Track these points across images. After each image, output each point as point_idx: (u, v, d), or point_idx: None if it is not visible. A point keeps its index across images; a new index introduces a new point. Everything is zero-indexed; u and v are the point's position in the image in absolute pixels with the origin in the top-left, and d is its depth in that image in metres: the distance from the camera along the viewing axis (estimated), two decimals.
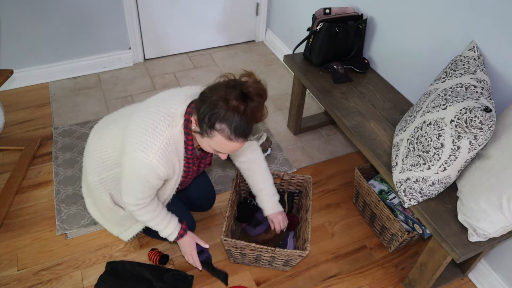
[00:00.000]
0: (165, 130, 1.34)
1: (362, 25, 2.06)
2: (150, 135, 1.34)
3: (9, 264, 1.72)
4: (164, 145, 1.34)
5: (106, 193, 1.61)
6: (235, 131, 1.23)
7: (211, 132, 1.25)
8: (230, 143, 1.26)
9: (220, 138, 1.25)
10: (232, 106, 1.19)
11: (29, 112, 2.48)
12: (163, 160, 1.35)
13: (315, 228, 1.98)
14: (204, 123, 1.25)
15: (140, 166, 1.35)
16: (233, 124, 1.21)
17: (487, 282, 1.76)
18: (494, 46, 1.52)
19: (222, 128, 1.22)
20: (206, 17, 2.97)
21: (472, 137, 1.31)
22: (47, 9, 2.43)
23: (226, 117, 1.21)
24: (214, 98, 1.21)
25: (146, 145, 1.33)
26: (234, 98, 1.19)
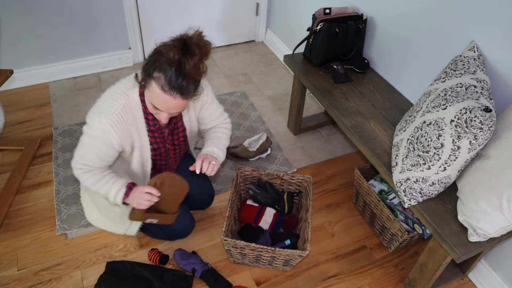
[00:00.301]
0: (121, 97, 1.39)
1: (362, 25, 2.06)
2: (107, 100, 1.40)
3: (9, 264, 1.72)
4: (120, 112, 1.38)
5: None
6: (169, 82, 1.24)
7: (149, 81, 1.27)
8: (165, 95, 1.26)
9: (155, 88, 1.26)
10: (170, 56, 1.21)
11: (29, 112, 2.48)
12: (117, 126, 1.38)
13: (315, 228, 1.98)
14: (145, 72, 1.29)
15: (93, 129, 1.39)
16: (167, 74, 1.23)
17: (487, 282, 1.76)
18: (494, 46, 1.52)
19: (158, 76, 1.25)
20: (206, 17, 2.97)
21: (472, 137, 1.31)
22: (47, 9, 2.43)
23: (163, 66, 1.23)
24: (158, 49, 1.25)
25: (102, 109, 1.38)
26: (173, 48, 1.21)
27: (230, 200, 1.73)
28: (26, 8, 2.38)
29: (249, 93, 2.77)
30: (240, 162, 2.26)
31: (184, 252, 1.75)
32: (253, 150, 2.22)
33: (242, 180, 1.94)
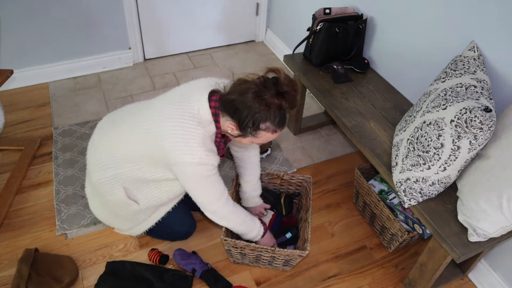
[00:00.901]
0: (198, 129, 1.37)
1: (362, 25, 2.06)
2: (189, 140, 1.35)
3: (9, 264, 1.72)
4: (203, 141, 1.38)
5: (119, 187, 1.56)
6: (279, 125, 1.34)
7: (256, 132, 1.34)
8: (275, 134, 1.37)
9: (265, 134, 1.35)
10: (272, 106, 1.28)
11: (29, 112, 2.48)
12: (209, 152, 1.39)
13: (315, 228, 1.98)
14: (248, 128, 1.33)
15: (193, 168, 1.38)
16: (276, 120, 1.32)
17: (487, 282, 1.76)
18: (494, 46, 1.52)
19: (267, 126, 1.32)
20: (206, 17, 2.97)
21: (472, 137, 1.31)
22: (47, 9, 2.43)
23: (269, 116, 1.30)
24: (252, 103, 1.28)
25: (189, 149, 1.35)
26: (271, 97, 1.27)
27: None
28: (26, 8, 2.38)
29: None
30: None
31: (184, 252, 1.75)
32: None
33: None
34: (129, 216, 1.66)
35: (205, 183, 1.44)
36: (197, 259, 1.73)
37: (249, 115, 1.30)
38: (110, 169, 1.55)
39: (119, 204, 1.60)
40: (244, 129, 1.34)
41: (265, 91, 1.28)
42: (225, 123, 1.40)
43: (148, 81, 2.79)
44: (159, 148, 1.39)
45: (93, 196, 1.72)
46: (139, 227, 1.73)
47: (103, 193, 1.60)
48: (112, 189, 1.57)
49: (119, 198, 1.58)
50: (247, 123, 1.32)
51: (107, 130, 1.57)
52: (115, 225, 1.77)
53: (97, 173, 1.58)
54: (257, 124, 1.32)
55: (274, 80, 1.31)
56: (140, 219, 1.69)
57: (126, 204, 1.60)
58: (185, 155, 1.36)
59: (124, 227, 1.74)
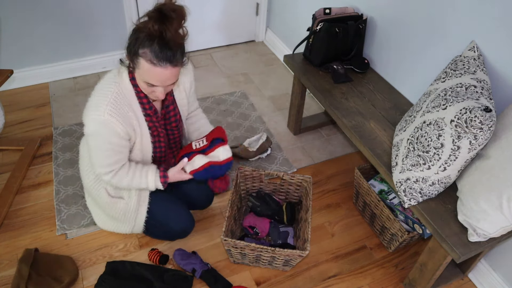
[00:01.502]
0: (111, 86, 1.39)
1: (362, 25, 2.06)
2: (99, 95, 1.38)
3: (9, 264, 1.72)
4: (114, 99, 1.37)
5: (102, 189, 1.65)
6: (156, 54, 1.25)
7: (137, 60, 1.28)
8: (156, 68, 1.27)
9: (145, 64, 1.27)
10: (149, 29, 1.22)
11: (29, 112, 2.48)
12: (115, 113, 1.37)
13: (315, 228, 1.98)
14: (130, 53, 1.29)
15: (95, 126, 1.38)
16: (153, 47, 1.24)
17: (487, 282, 1.76)
18: (494, 46, 1.52)
19: (144, 52, 1.26)
20: (206, 17, 2.97)
21: (472, 137, 1.31)
22: (47, 9, 2.43)
23: (146, 41, 1.24)
24: (136, 26, 1.26)
25: (96, 104, 1.37)
26: (150, 20, 1.22)
27: (230, 200, 1.73)
28: (26, 8, 2.38)
29: (249, 93, 2.77)
30: (240, 162, 2.26)
31: (184, 252, 1.75)
32: (253, 150, 2.22)
33: (242, 180, 1.94)
34: (122, 216, 1.71)
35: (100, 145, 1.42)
36: (197, 259, 1.73)
37: (130, 39, 1.28)
38: (91, 173, 1.65)
39: (108, 205, 1.68)
40: (129, 57, 1.31)
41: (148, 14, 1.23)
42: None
43: None
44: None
45: (93, 205, 1.79)
46: (137, 223, 1.74)
47: (95, 197, 1.69)
48: (99, 191, 1.66)
49: (105, 198, 1.66)
50: (128, 47, 1.29)
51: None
52: (118, 230, 1.79)
53: (84, 180, 1.70)
54: (136, 48, 1.26)
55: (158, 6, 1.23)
56: (132, 217, 1.72)
57: (112, 203, 1.67)
58: (91, 111, 1.36)
59: (126, 228, 1.77)
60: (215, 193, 1.92)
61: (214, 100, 2.68)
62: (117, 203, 1.67)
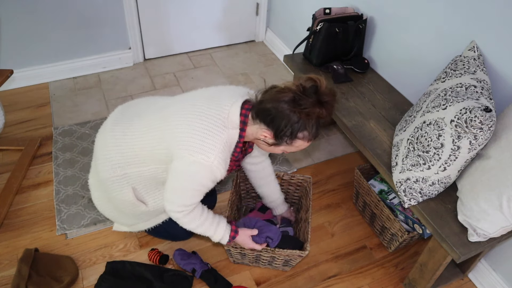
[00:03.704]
0: (222, 132, 1.31)
1: (362, 25, 2.06)
2: (208, 138, 1.29)
3: (9, 264, 1.72)
4: (223, 147, 1.31)
5: (128, 187, 1.51)
6: (315, 134, 1.31)
7: (292, 141, 1.31)
8: (309, 143, 1.35)
9: (301, 143, 1.33)
10: (312, 115, 1.25)
11: (29, 112, 2.48)
12: (222, 161, 1.32)
13: (315, 228, 1.98)
14: (285, 137, 1.30)
15: (197, 169, 1.30)
16: (313, 129, 1.29)
17: (487, 282, 1.76)
18: (494, 46, 1.52)
19: (304, 135, 1.30)
20: (206, 17, 2.97)
21: (472, 137, 1.31)
22: (47, 9, 2.43)
23: (308, 125, 1.27)
24: (290, 112, 1.25)
25: (205, 147, 1.28)
26: (311, 106, 1.24)
27: (230, 200, 1.73)
28: (26, 8, 2.38)
29: None
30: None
31: (184, 252, 1.75)
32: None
33: (242, 180, 1.94)
34: (134, 214, 1.63)
35: (189, 187, 1.35)
36: (197, 259, 1.73)
37: (288, 124, 1.26)
38: (120, 168, 1.48)
39: (126, 203, 1.56)
40: (280, 138, 1.30)
41: (305, 99, 1.23)
42: (258, 131, 1.34)
43: (148, 81, 2.79)
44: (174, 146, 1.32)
45: (97, 189, 1.65)
46: (143, 224, 1.71)
47: (111, 190, 1.54)
48: (122, 188, 1.52)
49: (128, 198, 1.53)
50: (285, 132, 1.27)
51: (121, 126, 1.48)
52: (117, 220, 1.71)
53: (107, 171, 1.50)
54: (295, 134, 1.28)
55: (314, 88, 1.26)
56: (145, 218, 1.67)
57: (133, 204, 1.56)
58: (199, 154, 1.27)
59: (127, 222, 1.70)
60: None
61: None
62: (139, 207, 1.58)
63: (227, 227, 1.52)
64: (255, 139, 1.39)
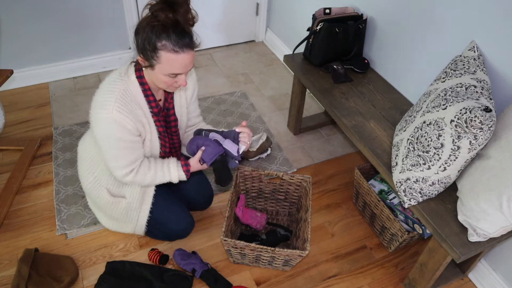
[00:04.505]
0: (117, 83, 1.37)
1: (362, 25, 2.06)
2: (104, 92, 1.37)
3: (9, 264, 1.72)
4: (121, 96, 1.36)
5: (103, 189, 1.64)
6: (177, 42, 1.25)
7: (157, 55, 1.27)
8: (178, 56, 1.27)
9: (166, 55, 1.26)
10: (162, 19, 1.21)
11: (29, 112, 2.48)
12: (124, 110, 1.36)
13: (315, 228, 1.98)
14: (147, 51, 1.27)
15: (104, 124, 1.37)
16: (171, 36, 1.24)
17: (487, 282, 1.76)
18: (494, 46, 1.52)
19: (163, 44, 1.25)
20: (206, 17, 2.97)
21: (472, 137, 1.31)
22: (47, 9, 2.43)
23: (161, 32, 1.23)
24: (144, 23, 1.24)
25: (102, 102, 1.36)
26: (160, 11, 1.21)
27: (230, 200, 1.73)
28: (26, 8, 2.38)
29: (249, 93, 2.77)
30: (240, 162, 2.26)
31: (184, 252, 1.75)
32: (253, 150, 2.22)
33: (242, 180, 1.94)
34: (122, 216, 1.70)
35: (113, 145, 1.41)
36: (197, 259, 1.73)
37: (143, 36, 1.25)
38: (90, 173, 1.65)
39: (109, 205, 1.67)
40: (146, 55, 1.28)
41: (154, 6, 1.22)
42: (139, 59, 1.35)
43: None
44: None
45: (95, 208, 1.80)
46: (139, 222, 1.73)
47: (94, 198, 1.69)
48: (99, 192, 1.66)
49: (106, 199, 1.65)
50: (144, 46, 1.26)
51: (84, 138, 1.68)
52: (121, 230, 1.79)
53: (83, 181, 1.69)
54: (153, 44, 1.24)
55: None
56: (134, 217, 1.71)
57: (114, 203, 1.66)
58: (99, 109, 1.36)
59: (129, 228, 1.76)
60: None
61: (214, 100, 2.68)
62: (119, 203, 1.66)
63: (178, 165, 1.56)
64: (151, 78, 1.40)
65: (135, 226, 1.74)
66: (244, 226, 1.93)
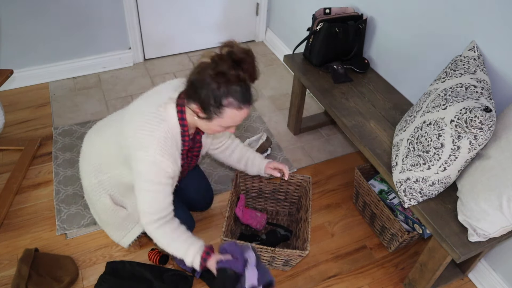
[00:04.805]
0: (160, 124, 1.32)
1: (362, 25, 2.06)
2: (145, 134, 1.31)
3: (9, 264, 1.72)
4: (163, 139, 1.32)
5: (105, 195, 1.59)
6: (243, 100, 1.26)
7: (220, 111, 1.26)
8: (240, 112, 1.28)
9: (231, 112, 1.27)
10: (231, 77, 1.21)
11: (29, 112, 2.48)
12: (165, 153, 1.32)
13: (315, 228, 1.98)
14: (210, 106, 1.25)
15: (144, 167, 1.31)
16: (238, 93, 1.25)
17: (487, 282, 1.76)
18: (494, 46, 1.52)
19: (229, 102, 1.25)
20: (206, 17, 2.97)
21: (472, 137, 1.31)
22: (47, 9, 2.43)
23: (229, 90, 1.23)
24: (209, 79, 1.22)
25: (143, 143, 1.30)
26: (228, 69, 1.21)
27: (230, 201, 1.73)
28: (26, 8, 2.38)
29: None
30: None
31: None
32: None
33: (242, 180, 1.94)
34: (117, 223, 1.66)
35: (148, 188, 1.35)
36: None
37: (209, 91, 1.23)
38: (94, 176, 1.58)
39: (107, 211, 1.62)
40: (207, 109, 1.26)
41: (222, 63, 1.21)
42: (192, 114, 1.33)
43: (148, 81, 2.79)
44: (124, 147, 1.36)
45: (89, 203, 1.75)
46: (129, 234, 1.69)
47: (93, 201, 1.64)
48: (100, 196, 1.60)
49: (107, 204, 1.60)
50: (208, 101, 1.24)
51: (92, 137, 1.60)
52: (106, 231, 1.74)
53: (84, 181, 1.64)
54: (219, 101, 1.23)
55: (229, 51, 1.24)
56: (129, 227, 1.68)
57: (114, 210, 1.61)
58: (139, 151, 1.31)
59: (116, 236, 1.71)
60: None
61: None
62: (118, 211, 1.62)
63: (199, 251, 1.39)
64: (195, 123, 1.37)
65: (123, 236, 1.69)
66: (244, 226, 1.93)
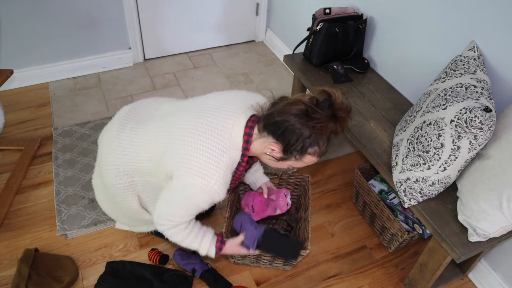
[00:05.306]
0: (224, 155, 1.25)
1: (362, 25, 2.06)
2: (209, 163, 1.23)
3: (9, 264, 1.72)
4: (225, 171, 1.26)
5: (134, 196, 1.49)
6: (325, 150, 1.25)
7: (301, 155, 1.24)
8: (317, 159, 1.27)
9: (310, 159, 1.25)
10: (326, 130, 1.19)
11: (29, 112, 2.48)
12: (223, 185, 1.27)
13: (315, 228, 1.98)
14: (295, 152, 1.22)
15: (196, 192, 1.26)
16: (324, 145, 1.23)
17: (487, 282, 1.76)
18: (494, 46, 1.52)
19: (314, 151, 1.23)
20: (206, 17, 2.97)
21: (472, 137, 1.31)
22: (47, 9, 2.43)
23: (319, 140, 1.21)
24: (302, 126, 1.18)
25: (206, 172, 1.23)
26: (326, 120, 1.17)
27: (230, 201, 1.73)
28: (26, 8, 2.38)
29: None
30: None
31: (184, 252, 1.75)
32: None
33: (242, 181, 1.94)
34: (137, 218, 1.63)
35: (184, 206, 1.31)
36: (197, 259, 1.73)
37: (299, 139, 1.18)
38: (127, 176, 1.44)
39: (129, 209, 1.55)
40: (290, 153, 1.23)
41: (318, 112, 1.16)
42: (265, 145, 1.27)
43: (148, 81, 2.79)
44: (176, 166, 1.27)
45: (100, 190, 1.62)
46: (145, 227, 1.71)
47: (114, 195, 1.51)
48: (126, 195, 1.49)
49: (132, 205, 1.52)
50: (295, 147, 1.20)
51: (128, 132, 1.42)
52: (119, 220, 1.73)
53: (112, 178, 1.45)
54: (305, 149, 1.20)
55: (328, 101, 1.19)
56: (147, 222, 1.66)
57: (137, 212, 1.55)
58: (199, 178, 1.23)
59: (130, 223, 1.71)
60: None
61: None
62: (143, 215, 1.57)
63: (213, 238, 1.43)
64: (261, 154, 1.32)
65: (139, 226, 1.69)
66: None
